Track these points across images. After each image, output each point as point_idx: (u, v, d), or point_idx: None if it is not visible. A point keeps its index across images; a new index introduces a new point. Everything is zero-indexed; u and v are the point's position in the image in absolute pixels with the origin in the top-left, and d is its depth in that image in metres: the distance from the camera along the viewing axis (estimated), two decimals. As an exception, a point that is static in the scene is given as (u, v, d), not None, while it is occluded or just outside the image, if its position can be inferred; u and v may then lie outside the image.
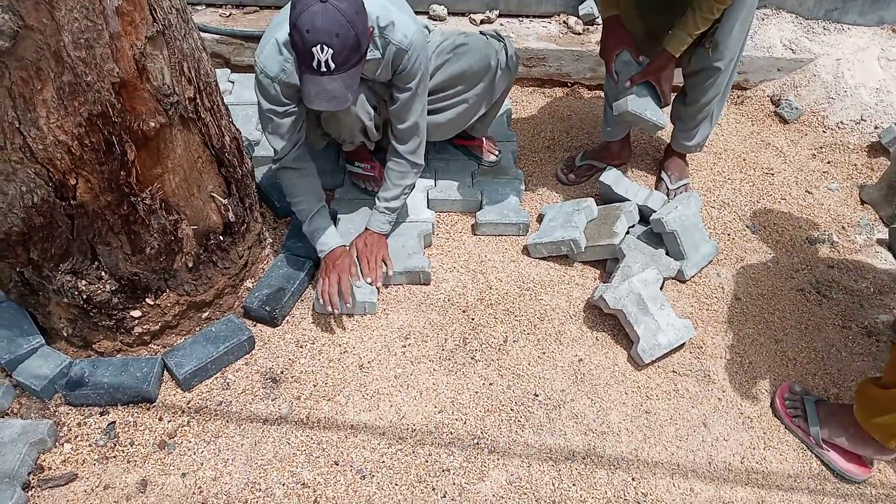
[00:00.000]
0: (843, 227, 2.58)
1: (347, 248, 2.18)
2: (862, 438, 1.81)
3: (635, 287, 2.09)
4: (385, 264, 2.20)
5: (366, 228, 2.27)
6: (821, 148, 2.94)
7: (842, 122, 2.97)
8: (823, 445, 1.87)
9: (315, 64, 1.70)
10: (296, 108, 2.01)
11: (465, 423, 1.91)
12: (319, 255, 2.15)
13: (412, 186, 2.28)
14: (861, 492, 1.84)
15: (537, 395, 1.99)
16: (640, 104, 2.21)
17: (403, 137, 2.18)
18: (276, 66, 1.90)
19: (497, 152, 2.67)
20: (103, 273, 1.83)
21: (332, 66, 1.70)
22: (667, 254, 2.31)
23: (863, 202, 2.70)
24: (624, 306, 2.05)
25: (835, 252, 2.48)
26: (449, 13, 3.28)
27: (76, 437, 1.81)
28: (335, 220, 2.40)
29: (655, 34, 2.30)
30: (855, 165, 2.85)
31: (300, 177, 2.12)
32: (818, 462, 1.88)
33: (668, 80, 2.21)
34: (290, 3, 1.77)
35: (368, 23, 1.79)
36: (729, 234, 2.54)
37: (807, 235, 2.54)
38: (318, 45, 1.67)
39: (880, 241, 2.53)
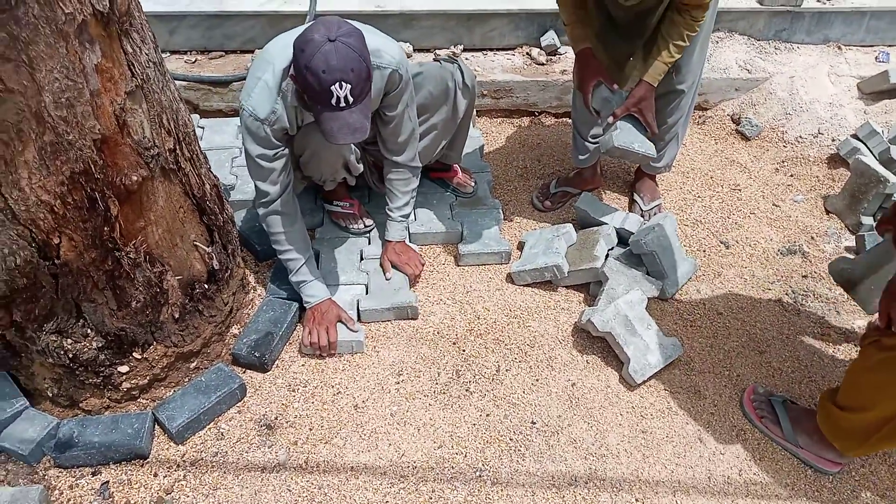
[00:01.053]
0: (812, 238, 2.67)
1: (332, 299, 2.19)
2: (825, 444, 1.88)
3: (621, 309, 2.12)
4: (421, 264, 2.39)
5: (387, 241, 2.37)
6: (783, 162, 3.04)
7: (800, 137, 3.09)
8: (798, 442, 1.93)
9: (334, 101, 1.72)
10: (286, 151, 2.02)
11: (465, 456, 1.91)
12: (306, 306, 2.15)
13: (416, 189, 2.37)
14: (856, 496, 1.88)
15: (534, 423, 2.00)
16: (626, 138, 2.21)
17: (400, 149, 2.24)
18: (266, 107, 1.90)
19: (473, 182, 2.71)
20: (89, 330, 1.79)
21: (351, 100, 1.74)
22: (647, 274, 2.35)
23: (828, 212, 2.80)
24: (612, 328, 2.08)
25: (807, 262, 2.56)
26: (415, 50, 3.33)
27: (69, 500, 1.76)
28: (317, 259, 2.40)
29: (619, 62, 2.37)
30: (817, 177, 2.95)
31: (290, 223, 2.11)
32: (811, 469, 1.92)
33: (649, 111, 2.24)
34: (285, 46, 1.84)
35: None
36: (704, 251, 2.60)
37: (778, 247, 2.62)
38: (337, 83, 1.70)
39: (848, 249, 2.62)
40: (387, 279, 2.33)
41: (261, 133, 1.93)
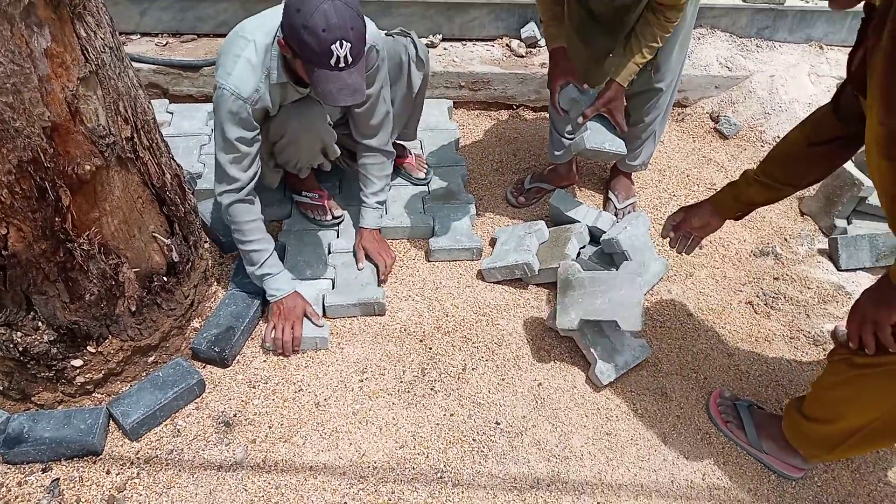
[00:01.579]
0: (786, 239, 2.65)
1: (298, 291, 2.13)
2: (791, 450, 1.87)
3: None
4: (393, 257, 2.35)
5: (361, 228, 2.32)
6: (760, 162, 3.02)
7: (778, 136, 3.07)
8: (763, 448, 1.92)
9: (334, 61, 1.68)
10: (260, 136, 1.97)
11: (427, 457, 1.88)
12: (269, 300, 2.11)
13: (390, 175, 2.35)
14: (818, 500, 1.87)
15: (499, 424, 1.97)
16: (596, 139, 2.16)
17: (374, 132, 2.21)
18: (250, 86, 1.84)
19: (425, 167, 2.70)
20: (40, 323, 1.74)
21: (350, 59, 1.69)
22: (619, 273, 2.33)
23: (803, 214, 2.78)
24: (578, 329, 2.05)
25: (779, 264, 2.55)
26: (392, 38, 3.27)
27: (16, 497, 1.71)
28: (283, 252, 2.35)
29: (598, 58, 2.34)
30: (793, 177, 2.93)
31: (252, 213, 2.05)
32: (775, 474, 1.92)
33: (619, 111, 2.20)
34: (262, 23, 1.83)
35: None
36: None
37: (752, 248, 2.61)
38: (337, 42, 1.65)
39: (821, 251, 2.61)
40: (359, 269, 2.30)
41: (242, 114, 1.87)
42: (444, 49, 3.30)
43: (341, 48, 1.66)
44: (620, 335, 2.11)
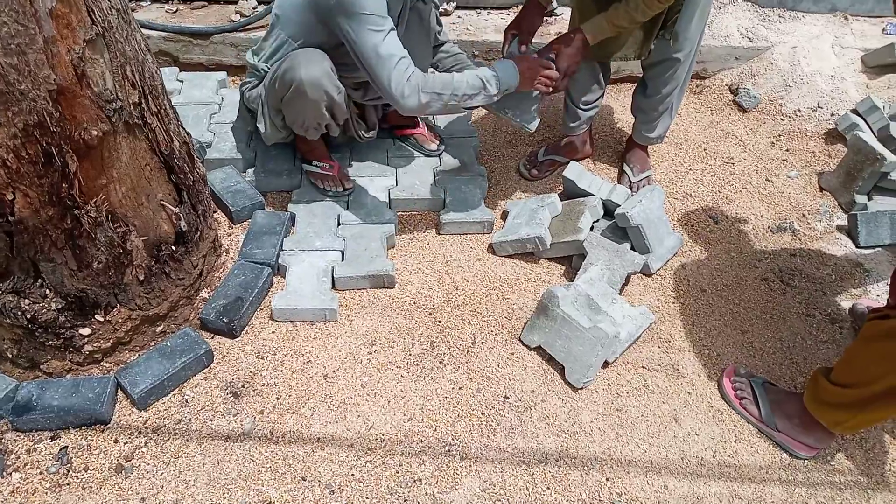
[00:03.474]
0: (804, 215, 2.60)
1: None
2: (806, 428, 1.84)
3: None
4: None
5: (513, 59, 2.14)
6: (779, 136, 2.96)
7: (799, 110, 3.00)
8: (776, 426, 1.89)
9: None
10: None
11: (435, 430, 1.87)
12: (513, 87, 2.06)
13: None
14: (830, 480, 1.85)
15: (508, 398, 1.96)
16: (506, 103, 2.16)
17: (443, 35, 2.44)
18: None
19: (437, 140, 2.66)
20: (48, 291, 1.73)
21: None
22: (632, 248, 2.29)
23: (822, 189, 2.72)
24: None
25: (796, 240, 2.50)
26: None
27: (25, 465, 1.71)
28: (293, 222, 2.33)
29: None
30: (813, 153, 2.87)
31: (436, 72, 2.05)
32: (786, 453, 1.89)
33: (568, 59, 2.13)
34: None
35: None
36: (692, 226, 2.53)
37: (769, 224, 2.56)
38: None
39: (840, 228, 2.55)
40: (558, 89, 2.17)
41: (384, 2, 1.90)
42: (458, 17, 3.23)
43: None
44: (618, 308, 2.06)
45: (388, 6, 1.93)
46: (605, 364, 2.03)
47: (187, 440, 1.79)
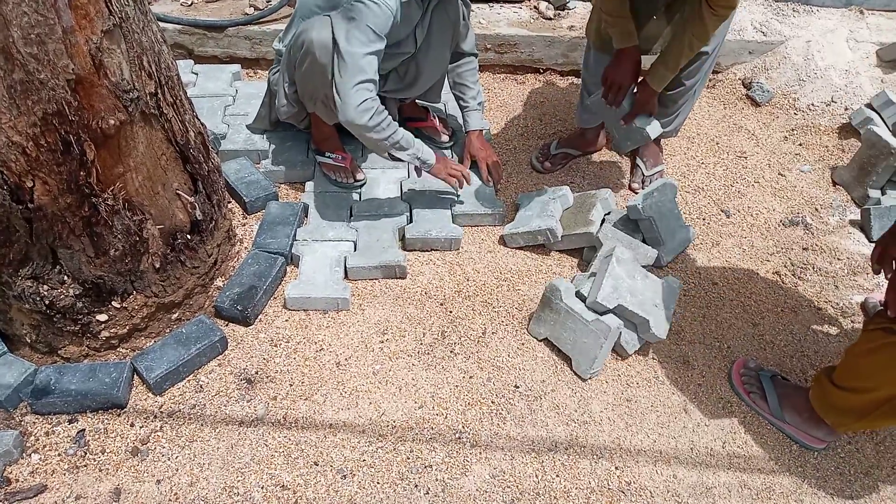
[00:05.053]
0: (817, 209, 2.59)
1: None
2: (814, 422, 1.85)
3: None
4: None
5: (469, 131, 2.48)
6: (792, 130, 2.95)
7: (812, 104, 2.98)
8: (785, 419, 1.89)
9: None
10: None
11: (446, 417, 1.88)
12: (429, 165, 2.24)
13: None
14: (840, 471, 1.85)
15: (518, 387, 1.97)
16: (644, 122, 2.35)
17: (465, 32, 2.41)
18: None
19: (448, 133, 2.70)
20: (66, 277, 1.76)
21: None
22: (643, 241, 2.29)
23: (835, 184, 2.71)
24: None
25: (809, 234, 2.49)
26: None
27: (44, 446, 1.75)
28: (305, 213, 2.36)
29: (642, 23, 2.26)
30: (826, 147, 2.86)
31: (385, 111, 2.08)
32: (797, 445, 1.89)
33: (640, 108, 2.34)
34: None
35: None
36: (704, 219, 2.53)
37: (781, 218, 2.55)
38: None
39: (853, 223, 2.54)
40: (468, 184, 2.36)
41: (390, 22, 1.97)
42: (471, 11, 3.24)
43: None
44: (652, 282, 2.07)
45: (398, 20, 2.00)
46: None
47: (202, 425, 1.82)
